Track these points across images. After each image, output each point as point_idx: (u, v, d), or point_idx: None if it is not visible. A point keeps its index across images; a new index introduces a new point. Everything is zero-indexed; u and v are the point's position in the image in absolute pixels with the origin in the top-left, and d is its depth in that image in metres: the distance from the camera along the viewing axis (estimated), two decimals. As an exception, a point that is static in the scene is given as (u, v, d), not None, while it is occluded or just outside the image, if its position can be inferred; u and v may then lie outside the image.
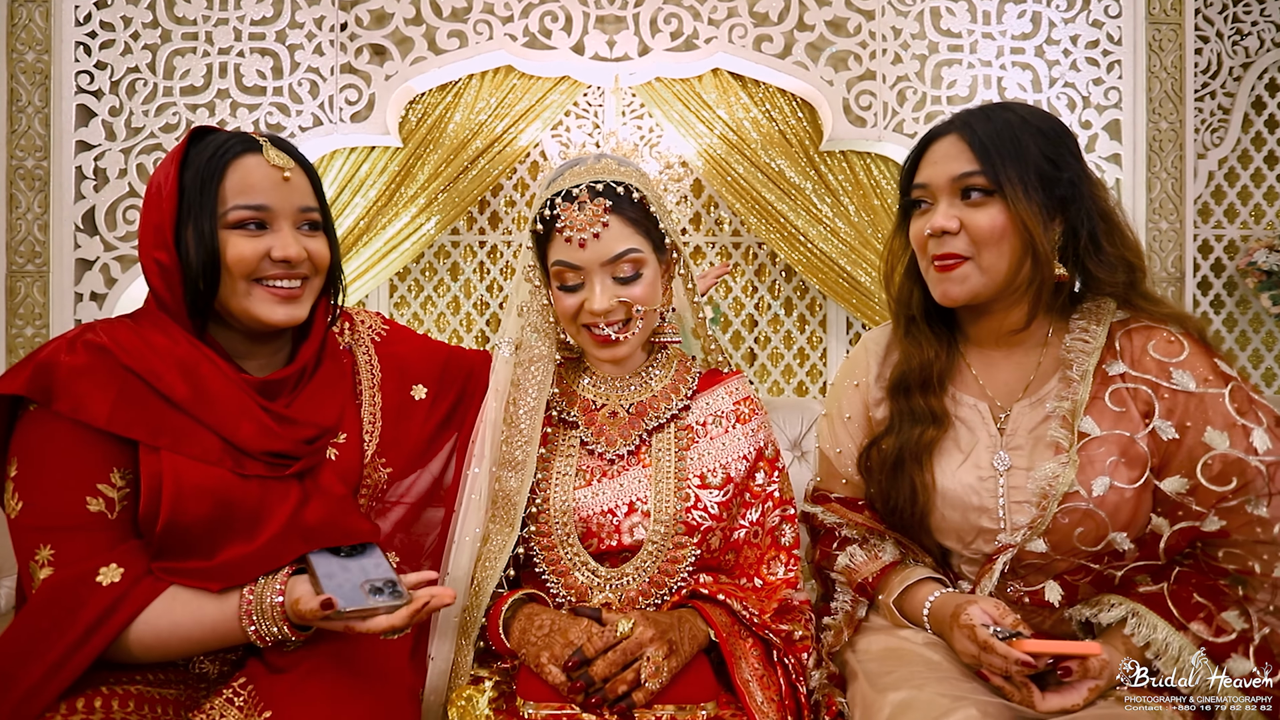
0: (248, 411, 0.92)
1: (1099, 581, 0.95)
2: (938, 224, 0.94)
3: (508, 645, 0.98)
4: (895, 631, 1.02)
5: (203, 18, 2.61)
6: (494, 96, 2.82)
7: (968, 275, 0.95)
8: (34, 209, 2.61)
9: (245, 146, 0.94)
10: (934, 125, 1.02)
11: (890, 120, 2.71)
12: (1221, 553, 0.90)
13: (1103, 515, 0.89)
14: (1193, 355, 0.92)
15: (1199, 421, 0.88)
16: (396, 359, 1.13)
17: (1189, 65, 2.76)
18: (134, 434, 0.86)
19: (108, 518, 0.86)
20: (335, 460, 1.00)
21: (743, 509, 1.10)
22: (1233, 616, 0.86)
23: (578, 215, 1.00)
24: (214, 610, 0.85)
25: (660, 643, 0.91)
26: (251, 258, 0.92)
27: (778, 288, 3.23)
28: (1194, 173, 2.81)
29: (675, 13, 2.69)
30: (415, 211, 2.83)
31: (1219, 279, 2.94)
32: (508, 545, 1.02)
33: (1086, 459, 0.91)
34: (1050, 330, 1.00)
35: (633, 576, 1.03)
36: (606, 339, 1.04)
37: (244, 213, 0.92)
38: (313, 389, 1.01)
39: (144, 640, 0.84)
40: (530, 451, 1.04)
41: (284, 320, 0.95)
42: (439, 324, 3.20)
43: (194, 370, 0.91)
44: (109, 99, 2.59)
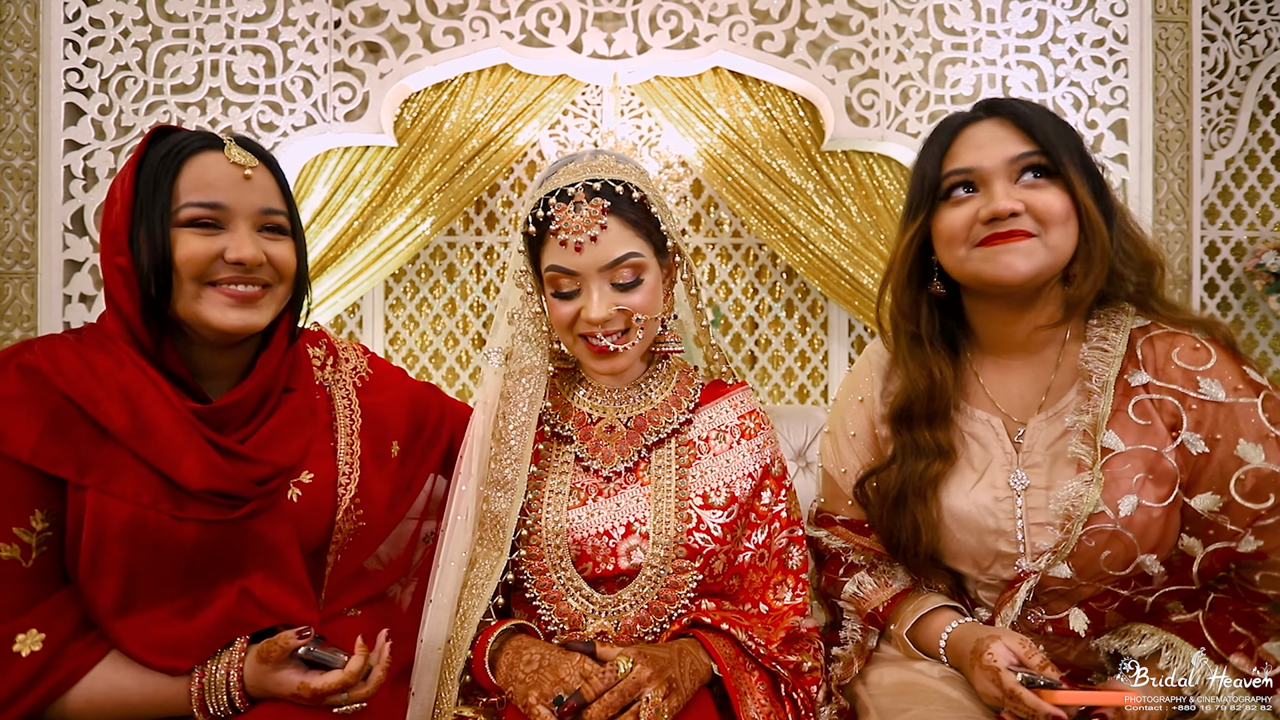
0: (193, 444, 0.84)
1: (1127, 609, 0.90)
2: (1003, 205, 0.87)
3: (494, 681, 0.92)
4: (909, 664, 0.97)
5: (194, 14, 2.57)
6: (490, 95, 2.78)
7: (1034, 250, 0.88)
8: (22, 209, 2.57)
9: (204, 144, 0.88)
10: (953, 115, 0.96)
11: (893, 120, 2.67)
12: (1259, 576, 0.85)
13: (1131, 537, 0.84)
14: (1221, 363, 0.87)
15: (1230, 433, 0.84)
16: (377, 409, 1.05)
17: (1196, 64, 2.72)
18: (59, 470, 0.79)
19: (21, 566, 0.79)
20: (298, 502, 0.91)
21: (748, 530, 1.04)
22: (1276, 648, 0.82)
23: (574, 217, 0.94)
24: (156, 680, 0.80)
25: (659, 682, 0.85)
26: (202, 257, 0.85)
27: (779, 289, 3.19)
28: (1201, 173, 2.77)
29: (675, 10, 2.65)
30: (410, 212, 2.79)
31: (1226, 281, 2.91)
32: (496, 571, 0.96)
33: (1111, 476, 0.86)
34: (1067, 337, 0.95)
35: (630, 603, 0.97)
36: (604, 350, 0.98)
37: (196, 210, 0.85)
38: (275, 423, 0.92)
39: (79, 711, 0.78)
40: (520, 470, 0.97)
41: (236, 325, 0.87)
42: (435, 326, 3.15)
43: (137, 397, 0.84)
44: (98, 97, 2.55)
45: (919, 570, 1.00)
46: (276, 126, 2.59)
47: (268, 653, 0.78)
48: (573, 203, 0.95)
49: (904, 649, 0.99)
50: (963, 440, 0.98)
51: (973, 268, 0.92)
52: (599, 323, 0.96)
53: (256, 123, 2.58)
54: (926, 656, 0.96)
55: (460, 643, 0.94)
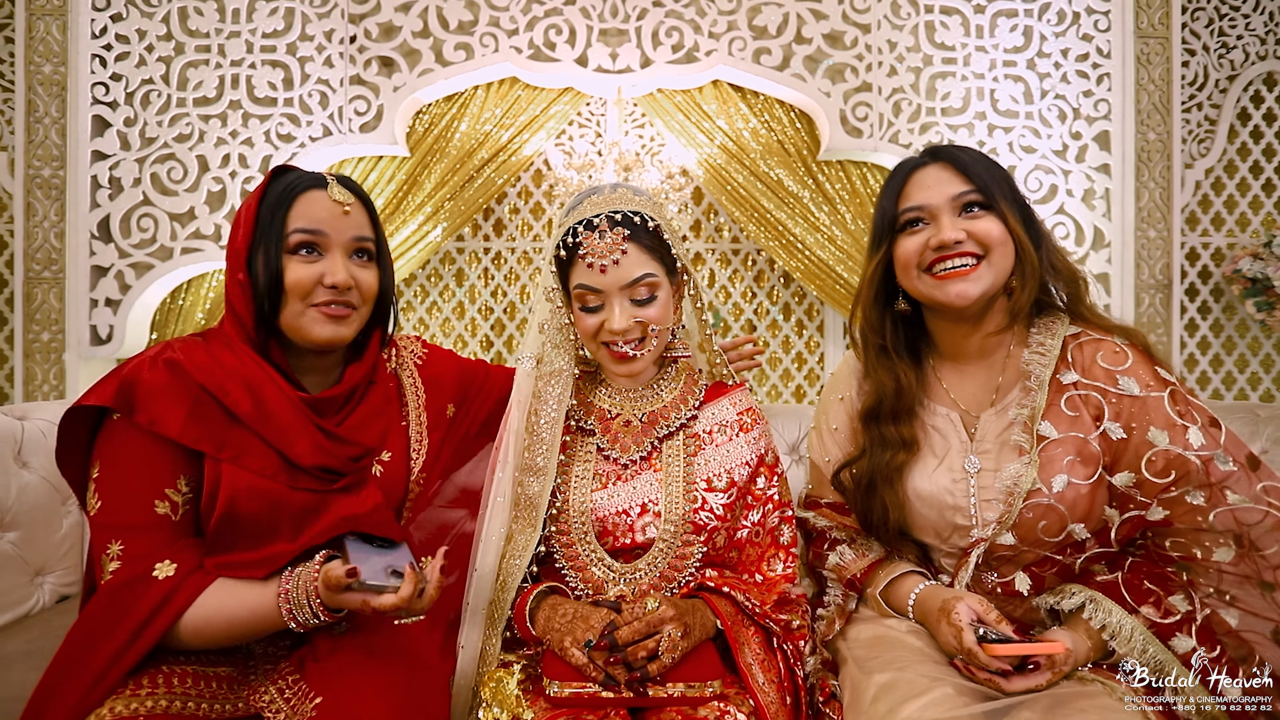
0: (304, 429, 1.00)
1: (1063, 572, 1.04)
2: (948, 236, 1.03)
3: (533, 633, 1.06)
4: (882, 621, 1.11)
5: (215, 30, 2.67)
6: (499, 107, 2.89)
7: (981, 275, 1.04)
8: (50, 217, 2.68)
9: (313, 183, 1.05)
10: (906, 160, 1.12)
11: (886, 131, 2.78)
12: (1168, 542, 1.00)
13: (1062, 509, 0.99)
14: (1136, 364, 1.01)
15: (1143, 422, 0.98)
16: (436, 380, 1.23)
17: (1176, 78, 2.83)
18: (202, 447, 0.95)
19: (171, 520, 0.95)
20: (381, 476, 1.09)
21: (745, 510, 1.18)
22: (1178, 600, 0.96)
23: (599, 243, 1.09)
24: (255, 596, 0.94)
25: (677, 623, 0.99)
26: (307, 281, 1.02)
27: (776, 294, 3.30)
28: (1181, 182, 2.89)
29: (676, 26, 2.76)
30: (422, 219, 2.89)
31: (1206, 285, 3.02)
32: (531, 544, 1.11)
33: (1046, 459, 1.00)
34: (1012, 345, 1.10)
35: (645, 571, 1.12)
36: (624, 355, 1.13)
37: (302, 236, 1.03)
38: (362, 412, 1.10)
39: (195, 626, 0.92)
40: (551, 458, 1.12)
41: (329, 337, 1.04)
42: (444, 329, 3.26)
43: (258, 388, 1.00)
44: (124, 110, 2.66)
45: (890, 543, 1.15)
46: (294, 138, 2.70)
47: (327, 581, 0.90)
48: (597, 231, 1.09)
49: (877, 608, 1.13)
50: (926, 432, 1.12)
51: (926, 291, 1.07)
52: (620, 333, 1.11)
53: (275, 134, 2.69)
54: (896, 614, 1.10)
55: (501, 604, 1.09)
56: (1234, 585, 0.95)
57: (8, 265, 2.87)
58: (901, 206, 1.09)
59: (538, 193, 3.23)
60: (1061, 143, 2.81)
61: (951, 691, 0.90)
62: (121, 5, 2.64)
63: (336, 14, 2.70)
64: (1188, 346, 3.03)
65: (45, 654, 1.19)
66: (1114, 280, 2.82)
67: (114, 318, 2.68)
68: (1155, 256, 2.86)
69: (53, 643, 1.17)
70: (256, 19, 2.68)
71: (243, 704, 0.95)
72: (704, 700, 0.97)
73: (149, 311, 2.79)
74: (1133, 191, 2.82)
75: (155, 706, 0.87)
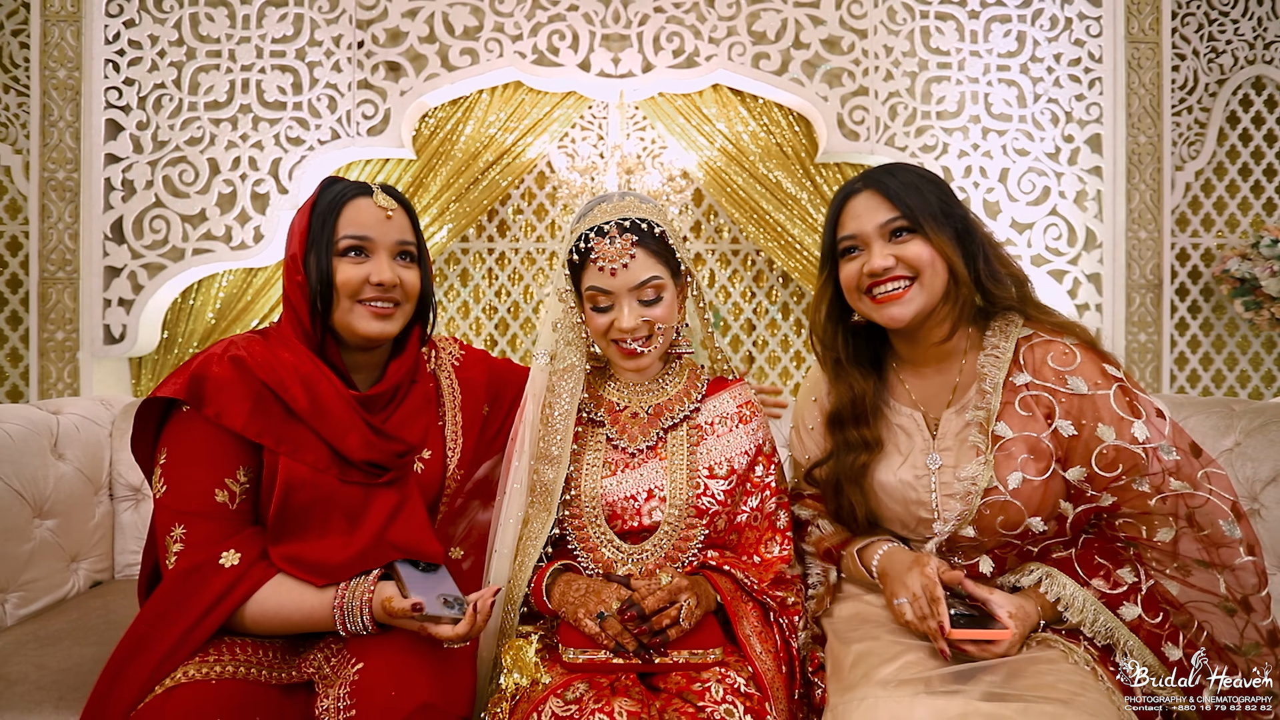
0: (355, 425, 1.08)
1: (1023, 555, 1.12)
2: (876, 264, 1.10)
3: (549, 606, 1.14)
4: (862, 598, 1.18)
5: (226, 36, 2.73)
6: (503, 111, 2.94)
7: (913, 297, 1.11)
8: (65, 219, 2.73)
9: (359, 191, 1.14)
10: (844, 186, 1.18)
11: (882, 134, 2.84)
12: (1119, 522, 1.07)
13: (1018, 504, 1.06)
14: (1084, 363, 1.07)
15: (1092, 419, 1.04)
16: (471, 382, 1.31)
17: (1166, 82, 2.90)
18: (263, 440, 1.03)
19: (229, 508, 1.02)
20: (421, 473, 1.17)
21: (744, 497, 1.27)
22: (1125, 572, 1.04)
23: (609, 248, 1.17)
24: (313, 600, 1.01)
25: (691, 591, 1.09)
26: (355, 280, 1.10)
27: (775, 293, 3.36)
28: (1171, 184, 2.95)
29: (677, 31, 2.82)
30: (428, 221, 2.95)
31: (1195, 286, 3.08)
32: (546, 527, 1.19)
33: (1002, 458, 1.07)
34: (968, 347, 1.17)
35: (651, 552, 1.21)
36: (632, 352, 1.21)
37: (350, 241, 1.11)
38: (405, 410, 1.18)
39: (254, 615, 1.00)
40: (564, 447, 1.20)
41: (376, 333, 1.12)
42: (449, 328, 3.32)
43: (314, 385, 1.07)
44: (136, 114, 2.71)
45: (864, 533, 1.23)
46: (303, 141, 2.76)
47: (391, 611, 0.97)
48: (607, 237, 1.18)
49: (852, 565, 1.20)
50: (891, 430, 1.20)
51: (867, 312, 1.16)
52: (629, 331, 1.18)
53: (285, 137, 2.75)
54: (864, 570, 1.18)
55: (519, 582, 1.18)
56: (1175, 561, 1.02)
57: (23, 266, 2.93)
58: (839, 235, 1.16)
59: (541, 195, 3.29)
60: (1054, 145, 2.87)
61: (922, 655, 0.99)
62: (134, 11, 2.70)
63: (344, 20, 2.75)
64: (1178, 345, 3.09)
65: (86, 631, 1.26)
66: (1105, 280, 2.88)
67: (127, 317, 2.74)
68: (1146, 257, 2.92)
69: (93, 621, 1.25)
70: (266, 25, 2.74)
71: (295, 672, 1.03)
72: (706, 665, 1.05)
73: (161, 311, 2.85)
74: (1124, 193, 2.88)
75: (223, 671, 0.95)
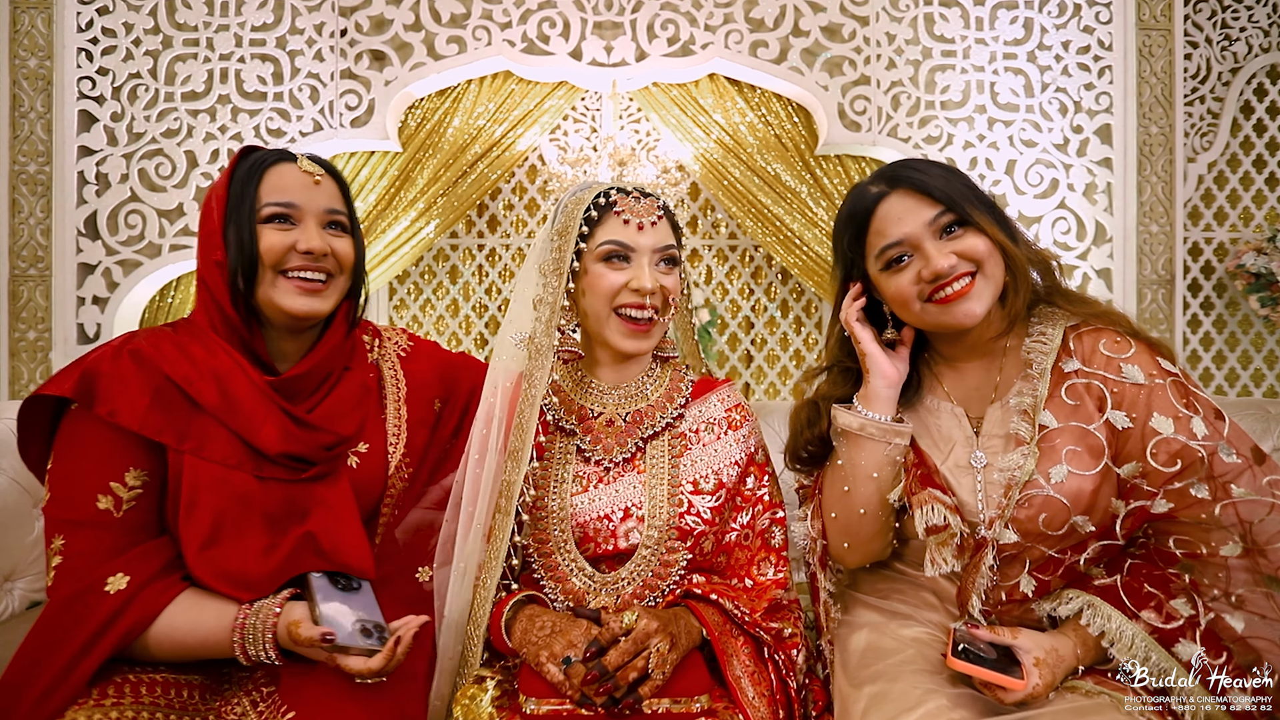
0: (271, 415, 0.98)
1: (1068, 574, 1.00)
2: (941, 265, 0.99)
3: (509, 645, 1.01)
4: (878, 625, 1.06)
5: (204, 24, 2.64)
6: (492, 101, 2.85)
7: (980, 290, 1.00)
8: (36, 213, 2.64)
9: (281, 156, 1.04)
10: (861, 193, 1.08)
11: (885, 125, 2.74)
12: (1172, 539, 0.96)
13: (1062, 500, 0.95)
14: (1139, 352, 0.99)
15: (1147, 410, 0.95)
16: (420, 375, 1.20)
17: (1179, 70, 2.80)
18: (163, 438, 0.92)
19: (113, 516, 0.91)
20: (357, 469, 1.05)
21: (734, 513, 1.14)
22: (1180, 604, 0.92)
23: (636, 205, 1.10)
24: (212, 622, 0.89)
25: (663, 635, 0.94)
26: (280, 247, 1.00)
27: (774, 290, 3.26)
28: (1184, 176, 2.85)
29: (672, 19, 2.72)
30: (415, 215, 2.86)
31: (1208, 281, 2.99)
32: (506, 532, 1.06)
33: (1045, 449, 0.97)
34: (1009, 339, 1.08)
35: (627, 580, 1.07)
36: (640, 324, 1.09)
37: (274, 208, 1.01)
38: (336, 399, 1.07)
39: (148, 644, 0.89)
40: (527, 440, 1.06)
41: (304, 309, 1.02)
42: (438, 326, 3.22)
43: (225, 377, 0.97)
44: (110, 104, 2.62)
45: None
46: (284, 133, 2.66)
47: (297, 638, 0.86)
48: (632, 196, 1.12)
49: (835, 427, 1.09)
50: (927, 430, 1.09)
51: (932, 319, 1.04)
52: (647, 292, 1.08)
53: (265, 129, 2.65)
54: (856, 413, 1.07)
55: (483, 606, 1.03)
56: (1241, 584, 0.91)
57: (-6, 263, 2.83)
58: (879, 246, 1.04)
59: (532, 188, 3.19)
60: (1063, 136, 2.78)
61: (946, 703, 0.86)
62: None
63: (327, 7, 2.66)
64: (1190, 343, 2.99)
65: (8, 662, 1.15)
66: (1116, 276, 2.78)
67: (101, 316, 2.64)
68: (1158, 252, 2.82)
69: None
70: (245, 12, 2.64)
71: (214, 716, 0.90)
72: (691, 717, 0.92)
73: (137, 309, 2.75)
74: (1134, 186, 2.78)
75: (121, 717, 0.83)
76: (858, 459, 1.05)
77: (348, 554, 0.97)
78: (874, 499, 1.05)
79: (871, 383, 1.06)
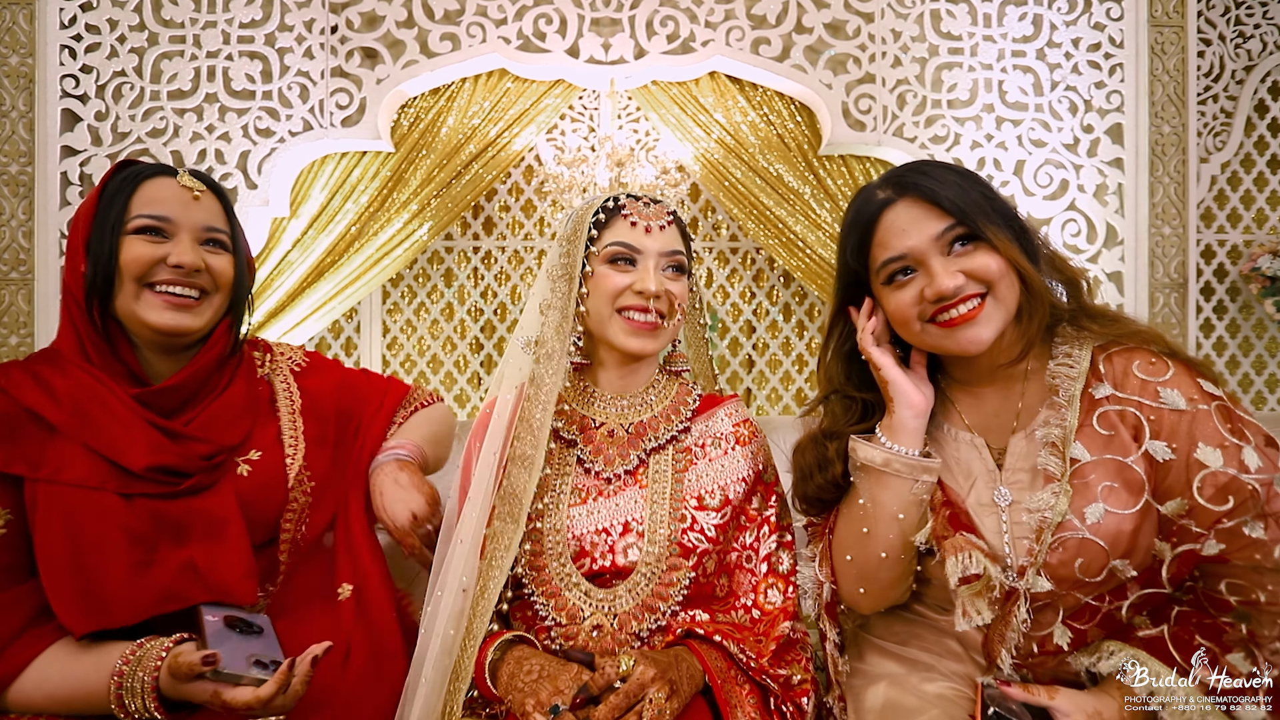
0: (137, 428, 0.92)
1: (1107, 622, 0.91)
2: (946, 285, 0.89)
3: (494, 690, 0.93)
4: (897, 682, 0.97)
5: (190, 20, 2.57)
6: (487, 100, 2.78)
7: (990, 314, 0.91)
8: (18, 215, 2.56)
9: (160, 170, 1.00)
10: (866, 198, 0.99)
11: (890, 124, 2.67)
12: (1224, 584, 0.86)
13: (1099, 543, 0.86)
14: (1178, 374, 0.90)
15: (1190, 439, 0.86)
16: (315, 391, 1.15)
17: (1192, 68, 2.73)
18: (15, 469, 0.87)
19: None
20: (249, 476, 1.00)
21: (737, 532, 1.08)
22: (1239, 658, 0.83)
23: (646, 209, 1.09)
24: (86, 671, 0.81)
25: (662, 683, 0.87)
26: (145, 259, 0.95)
27: (776, 294, 3.19)
28: (1197, 177, 2.78)
29: (672, 15, 2.65)
30: (408, 217, 2.78)
31: (1222, 284, 2.91)
32: (514, 542, 0.99)
33: (1079, 485, 0.88)
34: (1030, 362, 0.98)
35: (625, 598, 1.01)
36: (644, 325, 1.06)
37: (145, 220, 0.96)
38: (217, 409, 1.01)
39: (18, 703, 0.82)
40: (539, 446, 1.02)
41: (171, 325, 0.96)
42: (432, 330, 3.15)
43: (81, 395, 0.92)
44: (95, 103, 2.55)
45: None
46: (273, 132, 2.59)
47: (176, 669, 0.79)
48: (641, 201, 1.10)
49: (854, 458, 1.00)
50: (946, 461, 0.99)
51: (934, 342, 0.94)
52: (650, 295, 1.05)
53: (254, 128, 2.58)
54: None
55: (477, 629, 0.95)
56: None
57: (-24, 266, 2.75)
58: (881, 259, 0.95)
59: (529, 189, 3.12)
60: (1073, 136, 2.71)
61: None
62: (92, -6, 2.54)
63: (317, 3, 2.59)
64: (1203, 348, 2.92)
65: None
66: (1127, 279, 2.71)
67: (85, 320, 2.57)
68: (1170, 254, 2.75)
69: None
70: (233, 8, 2.57)
71: None
72: None
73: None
74: (1146, 187, 2.71)
75: None
76: (880, 498, 0.95)
77: (226, 573, 0.91)
78: (897, 542, 0.94)
79: (897, 413, 0.96)
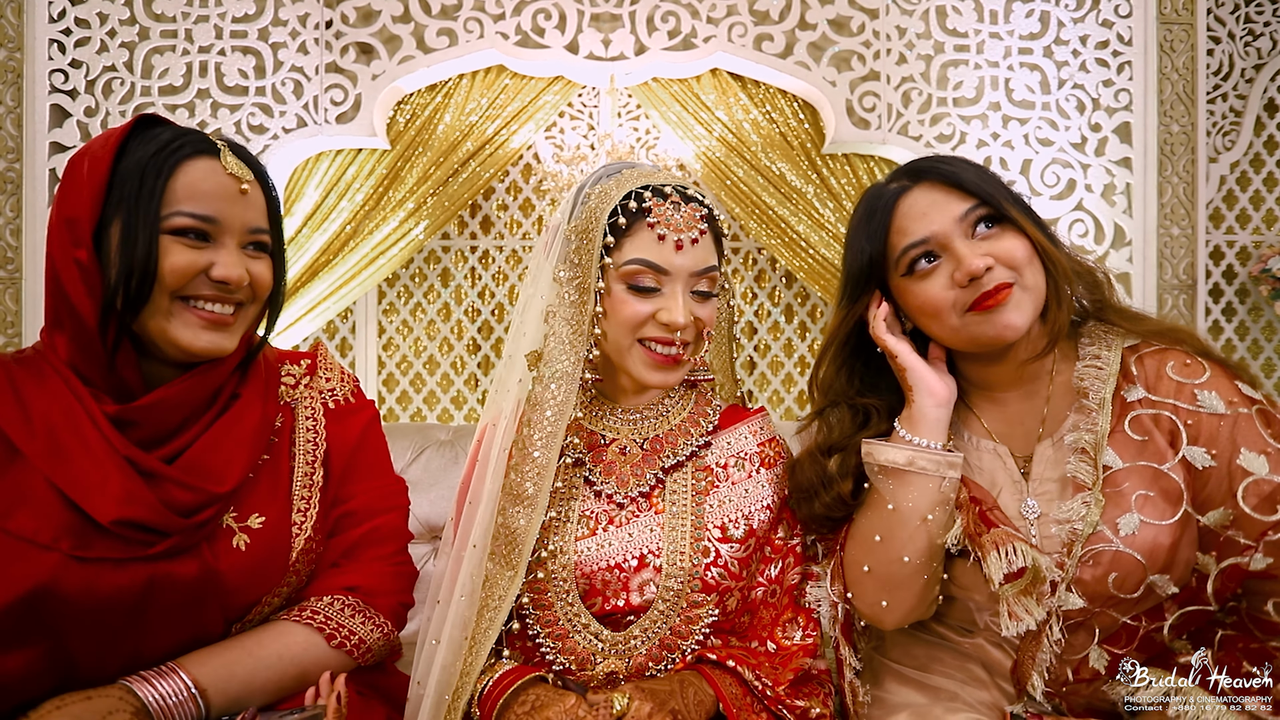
0: (110, 464, 0.75)
1: (1146, 645, 0.86)
2: (976, 264, 0.84)
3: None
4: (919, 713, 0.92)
5: (182, 14, 2.52)
6: (485, 97, 2.73)
7: (1021, 299, 0.86)
8: (6, 213, 2.51)
9: (200, 148, 0.82)
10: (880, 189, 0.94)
11: (895, 122, 2.63)
12: (1271, 604, 0.82)
13: (1135, 556, 0.81)
14: (1214, 376, 0.86)
15: (1232, 445, 0.82)
16: (343, 438, 0.93)
17: (1201, 67, 2.68)
18: None
19: None
20: (246, 550, 0.79)
21: (761, 564, 0.98)
22: None
23: (675, 215, 0.90)
24: None
25: (662, 715, 0.80)
26: (186, 269, 0.79)
27: (778, 294, 3.14)
28: (1205, 177, 2.73)
29: (673, 10, 2.61)
30: (404, 216, 2.74)
31: (1231, 286, 2.87)
32: (510, 592, 0.88)
33: (1112, 494, 0.83)
34: (1056, 363, 0.93)
35: (641, 640, 0.91)
36: (668, 359, 0.93)
37: (189, 220, 0.79)
38: (216, 434, 0.82)
39: None
40: (543, 484, 0.89)
41: (206, 349, 0.81)
42: (429, 331, 3.10)
43: (54, 416, 0.76)
44: (84, 99, 2.50)
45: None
46: (267, 129, 2.54)
47: None
48: (670, 201, 0.90)
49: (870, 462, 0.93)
50: (969, 472, 0.93)
51: (970, 333, 0.89)
52: (677, 327, 0.91)
53: (246, 125, 2.53)
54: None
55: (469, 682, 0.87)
56: None
57: (-36, 264, 2.70)
58: (901, 245, 0.89)
59: (527, 188, 3.07)
60: (1080, 135, 2.66)
61: None
62: (81, -13, 2.49)
63: (311, -3, 2.54)
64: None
65: None
66: (1135, 280, 2.67)
67: (74, 320, 2.52)
68: (1179, 255, 2.70)
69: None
70: (226, 2, 2.52)
71: None
72: None
73: (113, 313, 2.63)
74: (1155, 187, 2.67)
75: None
76: (905, 500, 0.88)
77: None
78: (924, 546, 0.89)
79: (918, 402, 0.90)
